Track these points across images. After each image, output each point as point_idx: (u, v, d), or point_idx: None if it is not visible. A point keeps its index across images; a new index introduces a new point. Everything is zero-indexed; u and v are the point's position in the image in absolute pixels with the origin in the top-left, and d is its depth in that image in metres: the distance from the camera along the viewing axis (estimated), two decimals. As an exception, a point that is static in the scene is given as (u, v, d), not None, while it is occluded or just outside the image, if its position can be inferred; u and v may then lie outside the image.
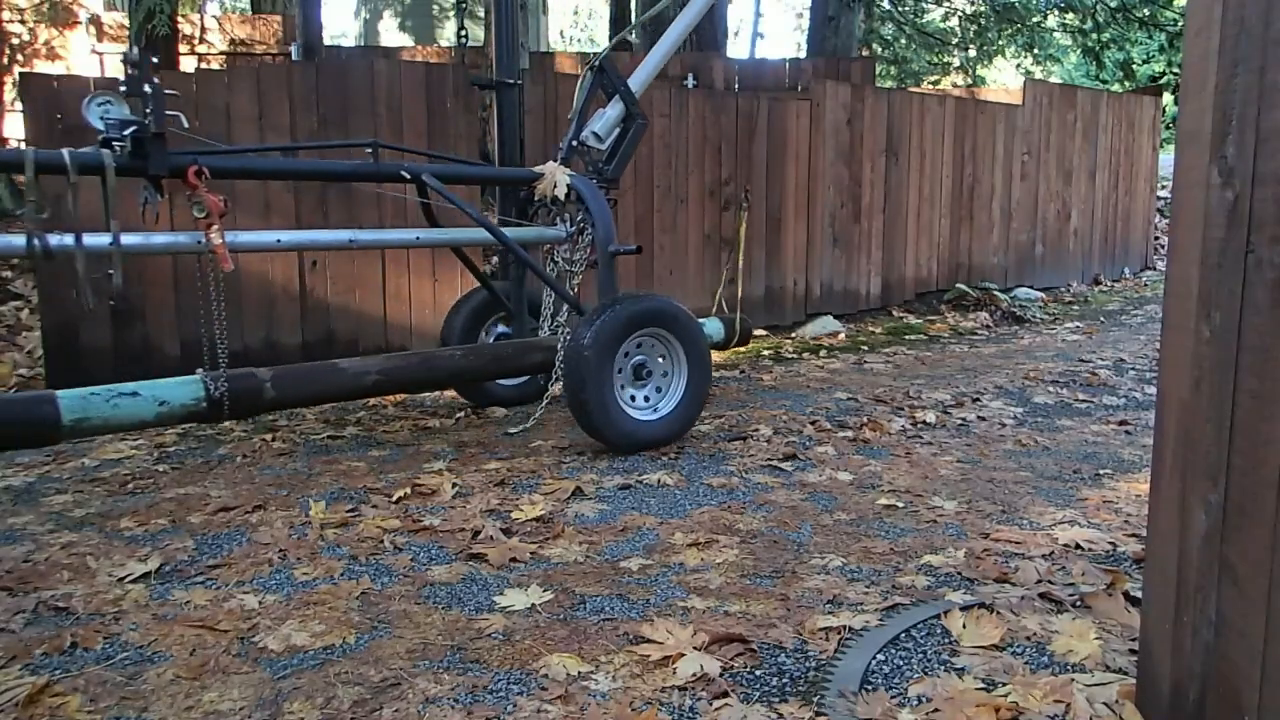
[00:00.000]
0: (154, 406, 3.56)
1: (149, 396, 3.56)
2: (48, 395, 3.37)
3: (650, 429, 4.31)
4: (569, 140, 4.93)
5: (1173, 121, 6.84)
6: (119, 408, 3.48)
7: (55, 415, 3.33)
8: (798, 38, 28.10)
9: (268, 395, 3.86)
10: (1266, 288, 1.53)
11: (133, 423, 3.54)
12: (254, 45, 12.23)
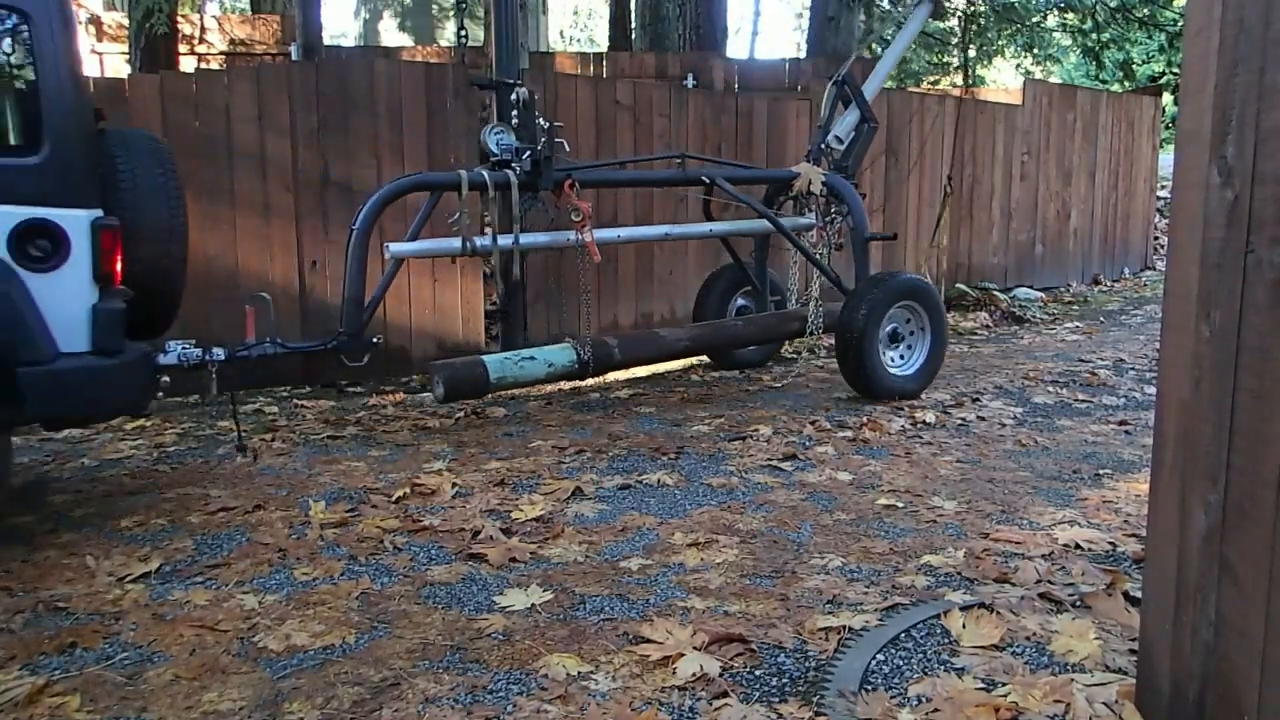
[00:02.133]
0: (544, 367, 4.62)
1: (541, 360, 4.62)
2: (479, 360, 4.49)
3: (901, 383, 5.24)
4: (818, 143, 5.99)
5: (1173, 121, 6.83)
6: (523, 368, 4.55)
7: (485, 374, 4.38)
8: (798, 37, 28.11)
9: (616, 357, 4.94)
10: (1266, 288, 1.53)
11: (532, 379, 4.66)
12: (254, 45, 12.23)
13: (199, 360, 3.84)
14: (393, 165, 5.84)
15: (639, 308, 6.79)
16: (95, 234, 3.02)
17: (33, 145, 2.96)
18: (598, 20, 29.13)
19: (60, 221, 2.95)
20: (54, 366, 2.92)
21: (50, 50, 2.97)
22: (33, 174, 2.92)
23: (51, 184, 2.95)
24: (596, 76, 10.07)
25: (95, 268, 3.03)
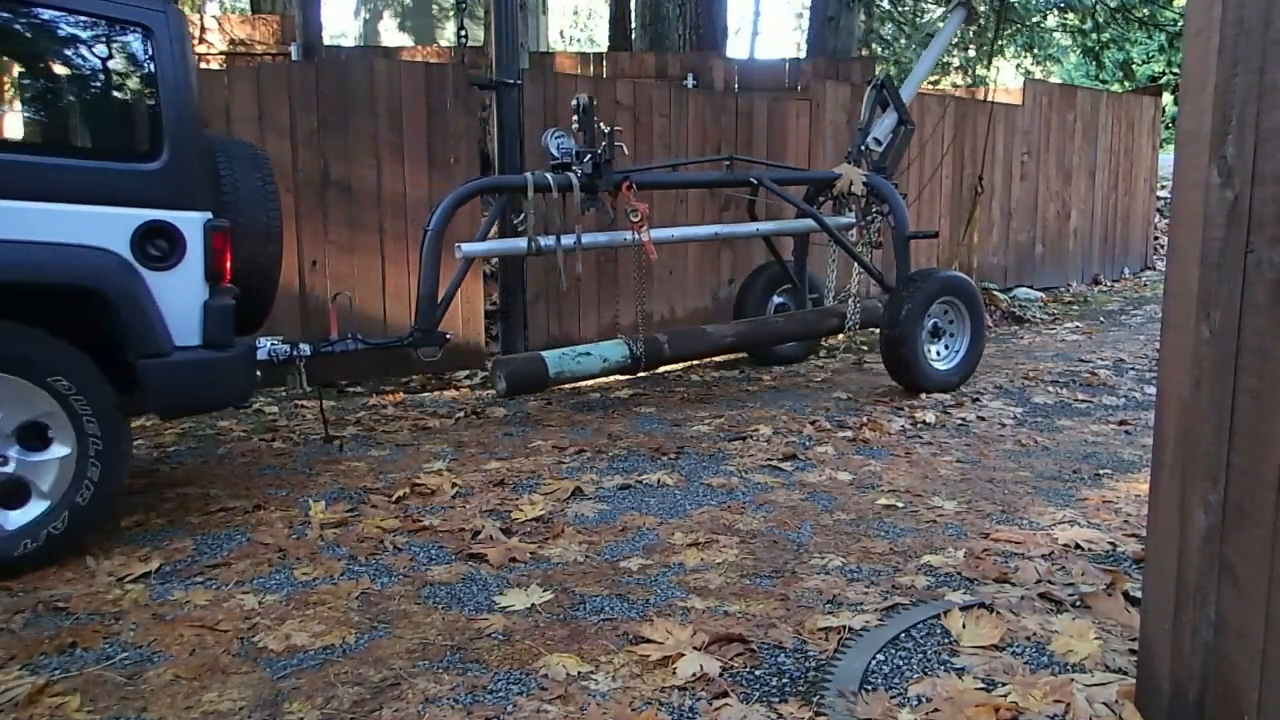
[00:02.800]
0: (600, 362, 4.91)
1: (597, 355, 4.92)
2: (539, 355, 4.76)
3: (943, 376, 5.47)
4: (858, 145, 6.17)
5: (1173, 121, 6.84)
6: (580, 363, 4.83)
7: (544, 369, 4.66)
8: (797, 37, 28.11)
9: (666, 352, 5.23)
10: (1266, 288, 1.53)
11: (587, 374, 4.94)
12: (254, 45, 12.23)
13: (287, 356, 3.99)
14: (393, 165, 5.84)
15: (639, 308, 6.80)
16: (208, 235, 3.19)
17: (153, 152, 3.12)
18: (598, 20, 29.12)
19: (177, 223, 3.11)
20: (171, 359, 3.09)
21: (169, 62, 3.14)
22: (153, 179, 3.09)
23: (169, 188, 3.11)
24: (596, 76, 10.08)
25: (207, 267, 3.20)
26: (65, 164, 2.97)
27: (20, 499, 2.88)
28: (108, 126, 3.27)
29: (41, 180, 2.89)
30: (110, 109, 3.27)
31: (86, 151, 3.16)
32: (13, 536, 2.84)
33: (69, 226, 2.91)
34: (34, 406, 2.86)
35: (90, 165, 3.02)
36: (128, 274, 3.00)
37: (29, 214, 2.84)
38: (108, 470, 2.97)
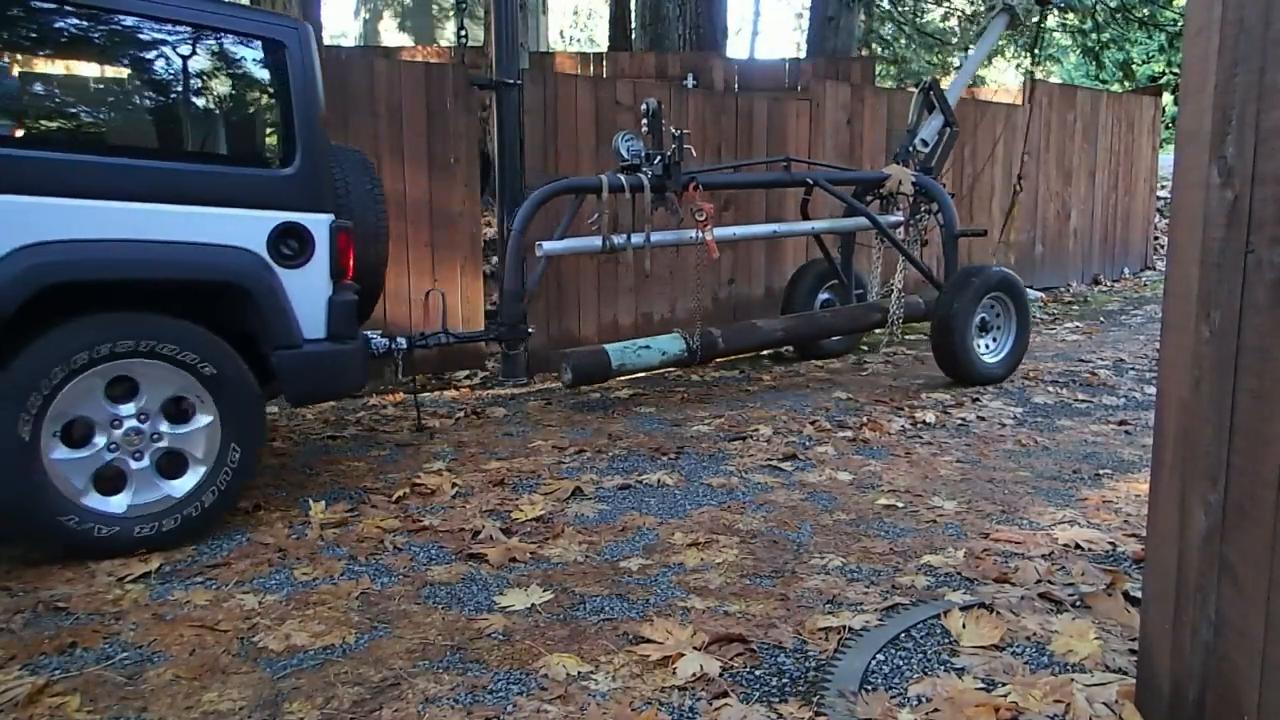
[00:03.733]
0: (659, 355, 5.17)
1: (656, 349, 5.18)
2: (603, 348, 5.03)
3: (990, 369, 5.71)
4: (905, 146, 6.40)
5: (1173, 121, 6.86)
6: (640, 356, 5.10)
7: (608, 361, 4.93)
8: (797, 38, 28.10)
9: (720, 346, 5.46)
10: (1266, 288, 1.53)
11: (647, 366, 5.23)
12: (254, 45, 12.22)
13: (386, 349, 4.23)
14: (393, 165, 5.84)
15: (639, 308, 6.80)
16: (333, 235, 3.42)
17: (287, 158, 3.37)
18: (598, 20, 29.12)
19: (307, 224, 3.35)
20: (302, 351, 3.34)
21: (300, 74, 3.38)
22: (287, 183, 3.33)
23: (301, 192, 3.35)
24: (596, 76, 10.08)
25: (332, 264, 3.43)
26: (213, 170, 3.26)
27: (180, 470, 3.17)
28: (248, 135, 3.53)
29: (193, 186, 3.15)
30: (250, 119, 3.53)
31: (230, 158, 3.43)
32: (181, 503, 3.12)
33: (216, 228, 3.17)
34: (183, 388, 3.12)
35: (234, 171, 3.30)
36: (266, 271, 3.24)
37: (183, 217, 3.11)
38: (247, 446, 3.24)
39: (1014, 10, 7.00)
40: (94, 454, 2.99)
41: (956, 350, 5.53)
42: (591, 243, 5.05)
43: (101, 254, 2.97)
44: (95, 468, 3.00)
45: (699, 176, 5.30)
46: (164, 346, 3.03)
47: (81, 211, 2.93)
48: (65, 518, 2.91)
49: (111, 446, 3.02)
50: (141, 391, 3.05)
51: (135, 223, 3.02)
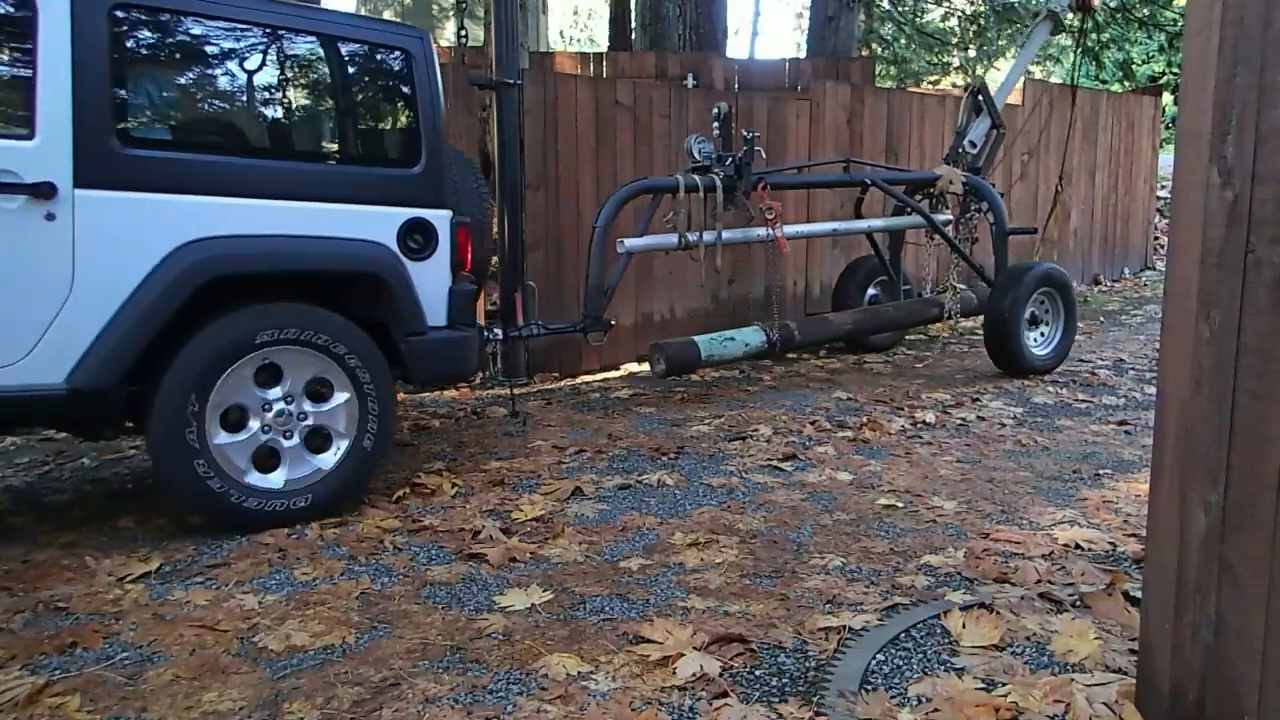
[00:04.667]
0: (742, 347, 5.45)
1: (739, 340, 5.47)
2: (693, 340, 5.33)
3: (1040, 360, 5.98)
4: (954, 147, 6.70)
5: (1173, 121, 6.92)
6: (725, 347, 5.38)
7: (697, 352, 5.25)
8: (797, 38, 28.08)
9: (796, 338, 5.78)
10: (1266, 288, 1.53)
11: (731, 357, 5.48)
12: (254, 45, 12.20)
13: (482, 340, 4.38)
14: (393, 165, 5.83)
15: (639, 307, 6.80)
16: (453, 230, 3.67)
17: (414, 158, 3.61)
18: (598, 20, 29.11)
19: (432, 220, 3.59)
20: (428, 338, 3.58)
21: (425, 80, 3.63)
22: (414, 182, 3.58)
23: (426, 190, 3.61)
24: (596, 76, 10.07)
25: (452, 257, 3.67)
26: (351, 171, 3.53)
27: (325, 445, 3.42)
28: (381, 137, 3.77)
29: (335, 185, 3.42)
30: (382, 122, 3.79)
31: (365, 159, 3.66)
32: (330, 474, 3.38)
33: (355, 224, 3.42)
34: (323, 371, 3.36)
35: (369, 171, 3.55)
36: (398, 263, 3.49)
37: (326, 214, 3.37)
38: (384, 423, 3.47)
39: (1058, 16, 7.16)
40: (251, 436, 3.25)
41: (1010, 343, 5.79)
42: (668, 240, 5.31)
43: (261, 248, 3.22)
44: (254, 448, 3.26)
45: (767, 177, 5.61)
46: (310, 334, 3.28)
47: (239, 210, 3.18)
48: (235, 496, 3.18)
49: (265, 428, 3.28)
50: (286, 376, 3.29)
51: (285, 220, 3.28)
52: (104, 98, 2.96)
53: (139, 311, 2.98)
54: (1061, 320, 6.12)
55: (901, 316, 6.63)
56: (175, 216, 3.06)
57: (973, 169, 6.63)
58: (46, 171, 2.86)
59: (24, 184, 2.83)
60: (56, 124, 2.88)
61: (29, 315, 2.89)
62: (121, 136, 3.01)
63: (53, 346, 2.91)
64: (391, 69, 3.63)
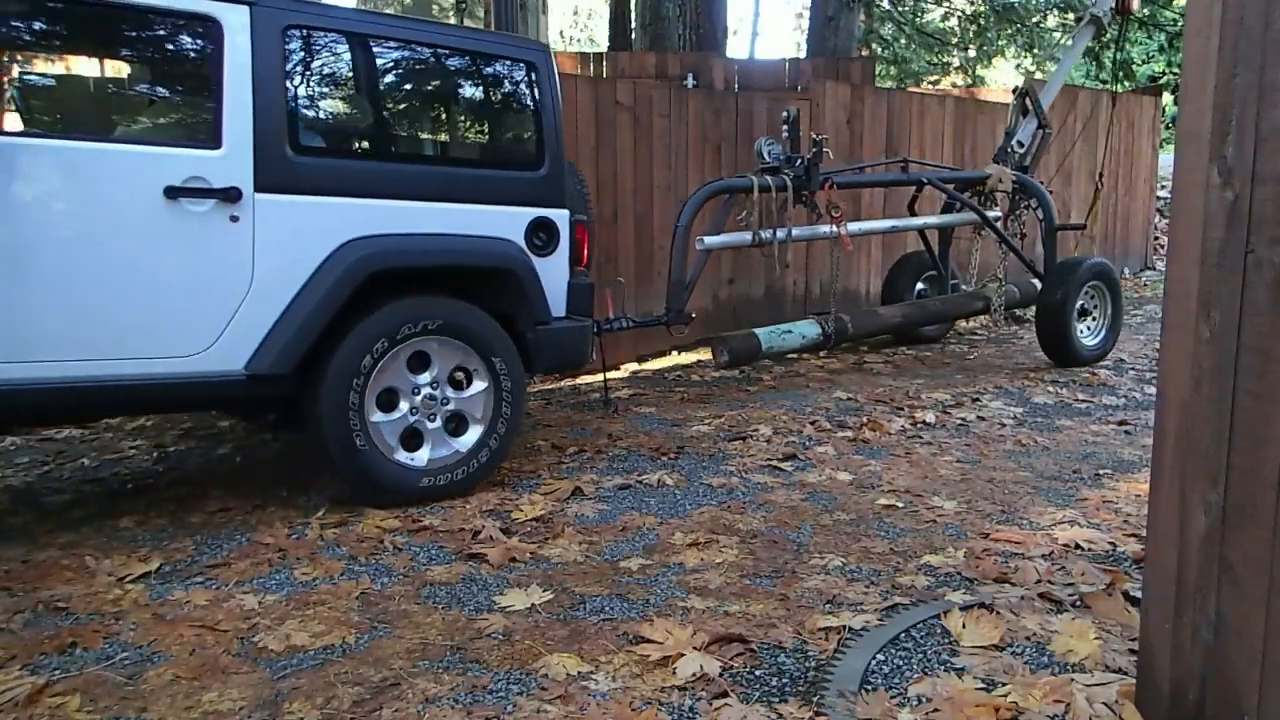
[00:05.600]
0: (799, 339, 5.76)
1: (797, 333, 5.75)
2: (754, 332, 5.59)
3: (1089, 350, 6.32)
4: (1003, 147, 6.94)
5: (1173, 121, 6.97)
6: (784, 340, 5.68)
7: (758, 344, 5.52)
8: (797, 38, 28.07)
9: (850, 330, 6.06)
10: (1266, 288, 1.53)
11: (790, 349, 5.82)
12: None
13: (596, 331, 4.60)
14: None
15: (639, 306, 6.81)
16: (572, 227, 3.96)
17: (538, 162, 3.88)
18: (598, 20, 29.10)
19: (554, 218, 3.88)
20: (552, 327, 3.87)
21: (547, 90, 3.91)
22: (538, 184, 3.86)
23: (548, 191, 3.88)
24: (596, 76, 10.06)
25: (571, 253, 3.96)
26: (486, 174, 3.80)
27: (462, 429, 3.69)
28: (510, 143, 4.06)
29: (473, 187, 3.69)
30: (511, 128, 4.07)
31: (497, 163, 3.95)
32: (468, 456, 3.64)
33: (490, 223, 3.70)
34: (466, 361, 3.65)
35: (501, 174, 3.82)
36: (527, 259, 3.77)
37: (465, 214, 3.65)
38: (515, 408, 3.74)
39: (1100, 20, 7.33)
40: (400, 417, 3.52)
41: (1062, 335, 6.09)
42: (742, 237, 5.59)
43: (414, 245, 3.51)
44: (402, 429, 3.52)
45: (833, 177, 5.91)
46: (455, 326, 3.57)
47: (391, 211, 3.46)
48: (391, 471, 3.45)
49: (413, 410, 3.55)
50: (433, 363, 3.58)
51: (431, 219, 3.56)
52: (279, 110, 3.24)
53: (312, 303, 3.25)
54: (1109, 312, 6.38)
55: (948, 309, 6.91)
56: (338, 217, 3.35)
57: (1020, 167, 6.85)
58: (232, 177, 3.14)
59: (214, 189, 3.11)
60: (239, 135, 3.16)
61: (215, 308, 3.15)
62: (293, 145, 3.28)
63: (234, 336, 3.18)
64: (519, 80, 3.92)
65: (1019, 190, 6.69)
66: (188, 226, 3.08)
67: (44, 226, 2.89)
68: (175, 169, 3.05)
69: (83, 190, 2.93)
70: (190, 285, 3.10)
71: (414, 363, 3.55)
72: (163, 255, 3.05)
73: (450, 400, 3.63)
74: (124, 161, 3.00)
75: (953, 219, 6.94)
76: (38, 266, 2.88)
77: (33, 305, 2.87)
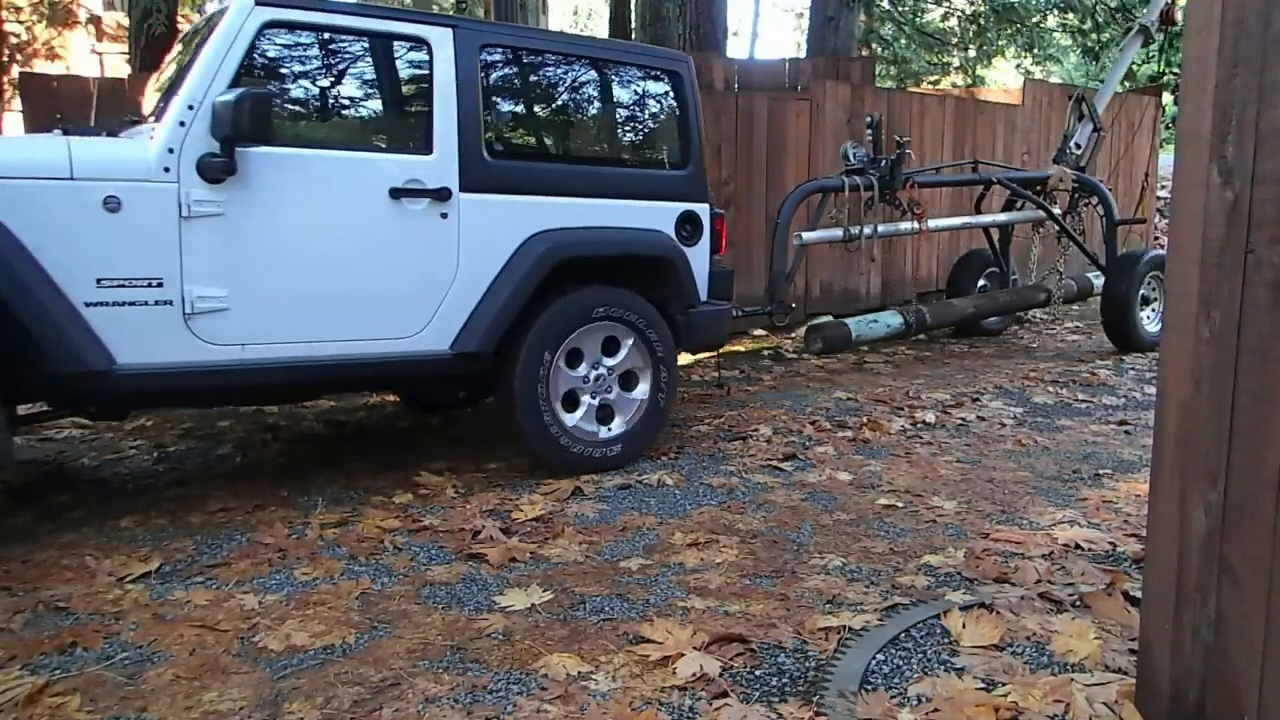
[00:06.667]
0: (884, 328, 6.23)
1: (882, 322, 6.23)
2: (844, 322, 6.12)
3: (1153, 336, 6.60)
4: (1061, 149, 7.44)
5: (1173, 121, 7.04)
6: (871, 329, 6.15)
7: (848, 333, 6.02)
8: (797, 38, 28.05)
9: (928, 321, 6.45)
10: (1266, 288, 1.53)
11: (876, 337, 6.28)
12: (254, 45, 12.16)
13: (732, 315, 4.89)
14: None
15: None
16: (712, 220, 4.38)
17: (685, 161, 4.34)
18: (598, 20, 29.12)
19: (699, 211, 4.31)
20: (699, 310, 4.27)
21: (690, 96, 4.39)
22: (685, 181, 4.30)
23: (693, 187, 4.32)
24: (596, 76, 10.05)
25: (712, 243, 4.37)
26: (644, 173, 4.23)
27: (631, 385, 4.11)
28: (662, 144, 4.42)
29: (634, 185, 4.12)
30: (662, 132, 4.44)
31: (652, 163, 4.35)
32: (627, 430, 4.05)
33: (648, 217, 4.12)
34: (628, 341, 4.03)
35: (655, 173, 4.26)
36: (680, 248, 4.18)
37: (628, 209, 4.07)
38: (670, 386, 4.15)
39: (1148, 29, 7.65)
40: (574, 386, 3.94)
41: (1127, 323, 6.60)
42: (834, 233, 6.06)
43: (592, 237, 3.93)
44: (576, 402, 3.96)
45: (914, 177, 6.34)
46: (622, 310, 3.95)
47: (568, 207, 3.88)
48: (564, 441, 3.85)
49: (587, 386, 3.98)
50: (604, 344, 3.99)
51: (600, 214, 3.98)
52: (476, 119, 3.66)
53: (509, 289, 3.66)
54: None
55: (1014, 301, 7.35)
56: (524, 213, 3.76)
57: (1077, 168, 7.29)
58: (443, 179, 3.57)
59: (428, 189, 3.53)
60: (447, 142, 3.59)
61: (428, 296, 3.58)
62: (489, 150, 3.71)
63: (442, 320, 3.61)
64: (667, 87, 4.36)
65: (1078, 189, 7.14)
66: (407, 223, 3.51)
67: (306, 226, 3.33)
68: (398, 173, 3.49)
69: (329, 192, 3.37)
70: (409, 275, 3.52)
71: (590, 344, 3.94)
72: (389, 249, 3.48)
73: (616, 379, 4.05)
74: (360, 167, 3.44)
75: (1018, 216, 7.34)
76: (303, 261, 3.32)
77: (304, 296, 3.33)
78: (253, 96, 3.02)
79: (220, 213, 3.16)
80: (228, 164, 3.13)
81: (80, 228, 2.97)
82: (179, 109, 3.13)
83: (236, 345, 3.22)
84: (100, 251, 3.00)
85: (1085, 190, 7.18)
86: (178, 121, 3.11)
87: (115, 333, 3.02)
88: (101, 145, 3.12)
